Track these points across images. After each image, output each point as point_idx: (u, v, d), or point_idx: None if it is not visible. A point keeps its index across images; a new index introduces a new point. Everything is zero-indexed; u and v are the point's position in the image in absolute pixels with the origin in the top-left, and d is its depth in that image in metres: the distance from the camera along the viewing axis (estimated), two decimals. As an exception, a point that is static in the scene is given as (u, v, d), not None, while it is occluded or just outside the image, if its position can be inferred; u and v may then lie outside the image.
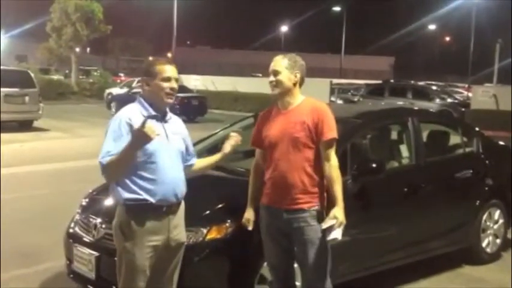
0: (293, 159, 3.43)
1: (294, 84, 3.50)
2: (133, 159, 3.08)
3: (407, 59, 65.56)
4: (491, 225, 5.75)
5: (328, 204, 3.48)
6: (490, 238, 5.74)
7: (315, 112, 3.45)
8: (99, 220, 4.09)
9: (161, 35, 49.27)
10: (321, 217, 3.44)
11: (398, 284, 5.03)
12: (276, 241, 3.56)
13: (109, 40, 55.41)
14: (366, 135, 5.09)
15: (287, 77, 3.46)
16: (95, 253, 3.99)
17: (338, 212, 3.34)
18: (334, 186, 3.40)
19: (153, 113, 3.22)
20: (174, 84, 3.26)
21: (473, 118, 18.51)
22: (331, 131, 3.43)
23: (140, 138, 2.97)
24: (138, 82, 21.20)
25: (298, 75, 3.50)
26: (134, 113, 3.18)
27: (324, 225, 3.35)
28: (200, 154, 5.35)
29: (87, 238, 4.16)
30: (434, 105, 21.39)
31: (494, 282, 5.29)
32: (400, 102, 20.71)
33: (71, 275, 4.32)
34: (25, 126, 16.36)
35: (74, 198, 4.84)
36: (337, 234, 3.33)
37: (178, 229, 3.31)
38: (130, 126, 3.09)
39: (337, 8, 55.37)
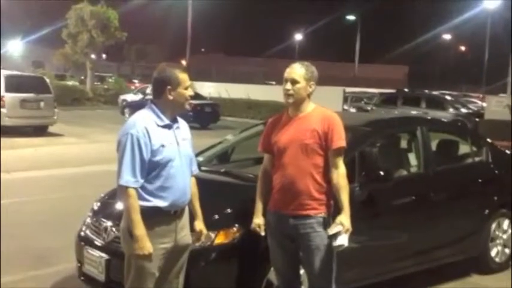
0: (302, 165, 3.48)
1: (308, 95, 3.57)
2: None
3: (421, 68, 65.27)
4: (500, 234, 5.74)
5: (335, 211, 3.52)
6: (499, 248, 5.73)
7: (325, 120, 3.52)
8: (109, 223, 4.16)
9: (176, 42, 49.48)
10: (327, 224, 3.49)
11: (406, 292, 5.05)
12: (282, 246, 3.61)
13: (124, 47, 55.84)
14: (374, 143, 5.13)
15: (304, 87, 3.52)
16: (105, 256, 4.06)
17: (344, 219, 3.39)
18: (342, 194, 3.45)
19: (167, 121, 3.30)
20: (192, 92, 3.39)
21: (487, 128, 18.37)
22: (340, 140, 3.50)
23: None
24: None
25: (313, 87, 3.58)
26: (149, 123, 3.23)
27: (330, 231, 3.39)
28: (210, 160, 5.47)
29: (97, 241, 4.23)
30: (448, 114, 21.24)
31: (502, 292, 5.30)
32: (413, 112, 20.62)
33: (82, 277, 4.40)
34: (40, 131, 16.53)
35: (87, 203, 4.91)
36: (343, 240, 3.37)
37: (184, 231, 3.40)
38: (149, 136, 3.17)
39: (351, 17, 55.38)
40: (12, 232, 6.29)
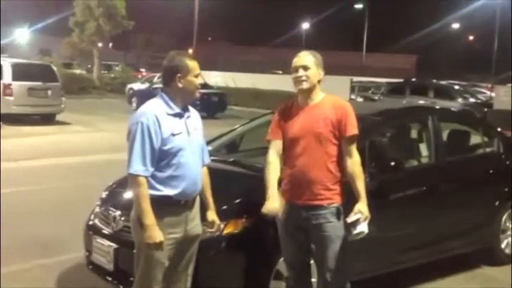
0: (315, 155, 3.44)
1: (318, 81, 3.54)
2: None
3: (430, 57, 64.92)
4: (511, 226, 5.69)
5: (348, 200, 3.47)
6: (509, 239, 5.68)
7: (337, 108, 3.48)
8: (118, 212, 4.14)
9: (183, 31, 49.37)
10: (340, 214, 3.45)
11: (415, 283, 5.01)
12: (293, 237, 3.57)
13: (131, 36, 55.79)
14: (385, 133, 5.08)
15: (315, 73, 3.50)
16: (114, 245, 4.05)
17: (362, 207, 3.35)
18: (357, 182, 3.42)
19: (177, 110, 3.27)
20: (201, 80, 3.35)
21: (496, 118, 18.25)
22: (354, 127, 3.47)
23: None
24: (159, 77, 21.29)
25: (322, 74, 3.55)
26: (159, 112, 3.20)
27: (349, 220, 3.33)
28: (219, 150, 5.43)
29: (106, 230, 4.22)
30: (456, 104, 21.10)
31: (510, 284, 5.24)
32: (421, 101, 20.51)
33: (90, 266, 4.38)
34: (47, 119, 16.57)
35: (94, 191, 4.91)
36: (363, 227, 3.33)
37: (194, 221, 3.37)
38: (159, 124, 3.14)
39: (359, 6, 55.00)
40: (20, 221, 6.30)
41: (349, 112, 3.49)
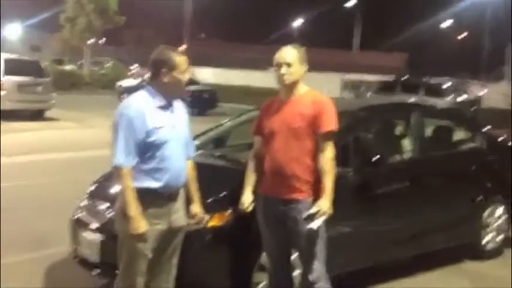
0: (291, 150, 3.48)
1: (301, 77, 3.57)
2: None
3: (421, 55, 65.02)
4: (494, 221, 5.76)
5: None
6: (492, 234, 5.75)
7: (315, 104, 3.51)
8: (105, 205, 4.19)
9: (176, 27, 49.15)
10: None
11: (399, 277, 5.06)
12: (273, 230, 3.63)
13: (123, 32, 55.49)
14: (368, 129, 5.14)
15: (299, 69, 3.53)
16: (100, 237, 4.09)
17: (323, 203, 3.34)
18: (325, 178, 3.41)
19: (162, 103, 3.30)
20: (188, 76, 3.38)
21: (485, 116, 18.39)
22: (329, 124, 3.48)
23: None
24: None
25: (305, 68, 3.58)
26: (144, 104, 3.24)
27: (305, 214, 3.35)
28: (206, 145, 5.48)
29: (92, 223, 4.25)
30: (443, 103, 21.23)
31: (495, 278, 5.32)
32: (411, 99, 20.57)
33: (76, 259, 4.42)
34: (37, 115, 16.51)
35: (83, 187, 4.93)
36: (316, 224, 3.31)
37: (178, 213, 3.41)
38: (143, 116, 3.18)
39: (351, 4, 55.10)
40: (9, 215, 6.31)
41: (327, 108, 3.50)
